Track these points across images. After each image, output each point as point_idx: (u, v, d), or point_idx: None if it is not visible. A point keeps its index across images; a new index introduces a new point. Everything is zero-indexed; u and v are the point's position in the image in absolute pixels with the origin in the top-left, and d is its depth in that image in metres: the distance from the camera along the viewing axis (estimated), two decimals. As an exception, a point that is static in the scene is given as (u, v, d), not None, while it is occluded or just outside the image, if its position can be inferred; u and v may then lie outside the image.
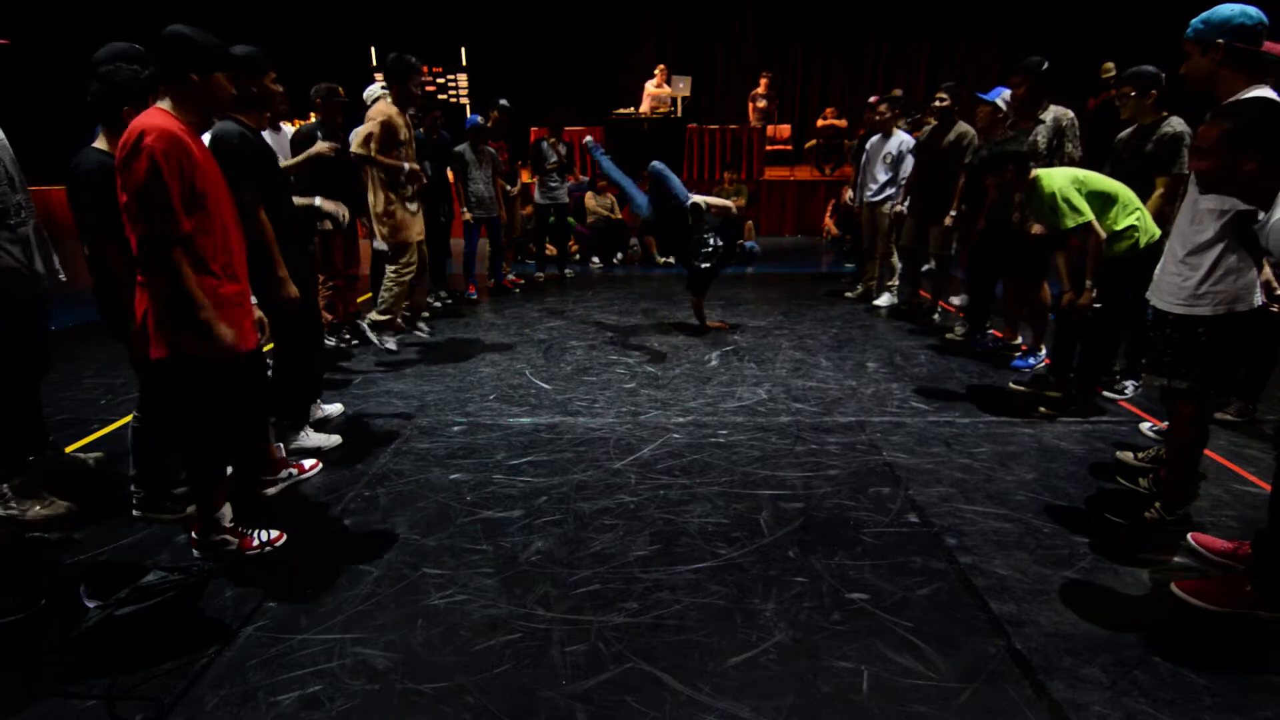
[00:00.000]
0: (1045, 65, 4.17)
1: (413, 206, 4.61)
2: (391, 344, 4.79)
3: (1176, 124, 3.48)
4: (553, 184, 7.10)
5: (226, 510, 2.63)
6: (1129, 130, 3.73)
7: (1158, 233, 3.33)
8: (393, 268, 4.64)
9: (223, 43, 2.36)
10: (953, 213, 5.10)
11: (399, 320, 4.96)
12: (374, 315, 4.74)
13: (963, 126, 5.11)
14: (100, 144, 2.53)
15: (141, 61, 2.81)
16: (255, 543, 2.63)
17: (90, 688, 1.96)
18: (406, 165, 4.47)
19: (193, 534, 2.60)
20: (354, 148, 4.36)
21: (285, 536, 2.69)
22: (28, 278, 2.72)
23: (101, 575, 2.19)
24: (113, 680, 1.98)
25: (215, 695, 1.95)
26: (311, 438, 3.45)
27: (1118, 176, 3.49)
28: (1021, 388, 4.15)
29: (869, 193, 6.04)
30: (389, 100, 4.47)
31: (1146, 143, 3.56)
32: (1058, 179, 3.40)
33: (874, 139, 6.04)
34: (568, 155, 7.23)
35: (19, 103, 9.08)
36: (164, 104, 2.26)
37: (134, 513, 2.81)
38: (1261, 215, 2.08)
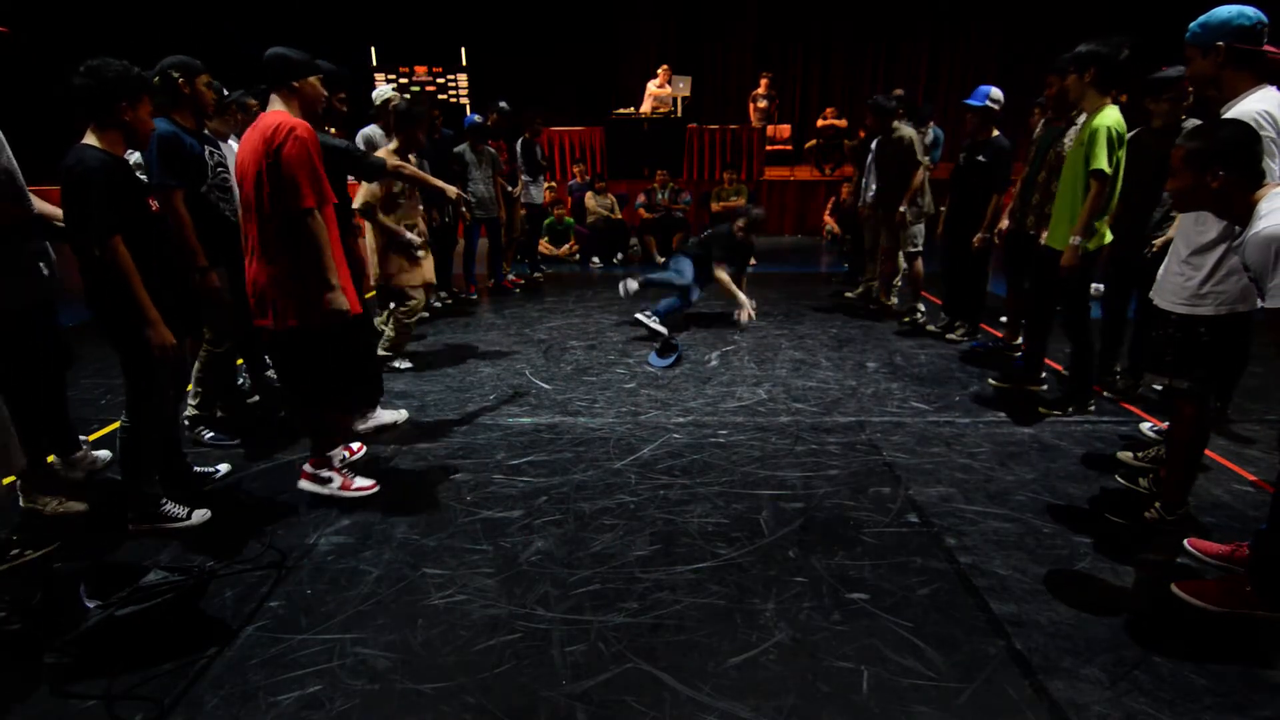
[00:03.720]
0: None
1: (419, 253, 4.43)
2: (406, 364, 4.72)
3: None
4: (533, 185, 7.19)
5: (338, 452, 3.05)
6: (1134, 132, 3.70)
7: (1109, 240, 3.53)
8: (399, 310, 4.48)
9: (309, 55, 2.79)
10: (901, 209, 5.39)
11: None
12: (380, 351, 4.63)
13: (905, 129, 5.44)
14: (92, 140, 2.45)
15: (188, 69, 3.06)
16: (354, 486, 3.02)
17: (90, 688, 1.96)
18: (407, 236, 4.32)
19: (305, 467, 3.00)
20: (355, 204, 4.19)
21: (377, 487, 3.04)
22: (47, 281, 2.78)
23: (101, 575, 2.19)
24: (113, 680, 1.98)
25: (215, 695, 1.95)
26: (385, 415, 3.70)
27: (1128, 174, 3.49)
28: (1001, 384, 4.17)
29: (871, 193, 6.03)
30: (392, 149, 4.18)
31: (1167, 146, 3.49)
32: (1112, 118, 3.34)
33: (879, 138, 6.04)
34: (542, 156, 7.35)
35: (10, 100, 9.03)
36: (276, 107, 2.71)
37: (129, 527, 2.73)
38: (1237, 229, 2.11)
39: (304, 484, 3.00)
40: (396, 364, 4.70)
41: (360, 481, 3.03)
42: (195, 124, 3.21)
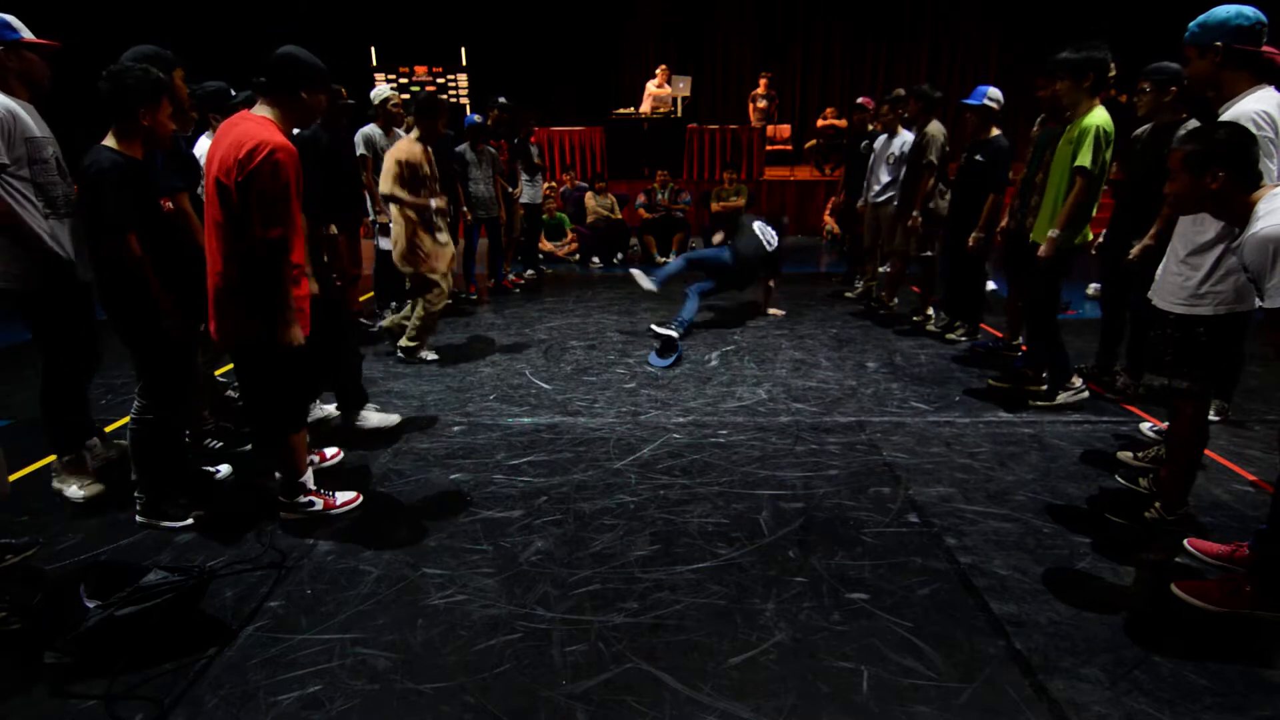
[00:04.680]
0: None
1: (442, 238, 4.55)
2: (431, 355, 4.81)
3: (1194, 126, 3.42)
4: (529, 185, 7.22)
5: (309, 475, 2.87)
6: (1144, 129, 3.70)
7: (1090, 238, 3.63)
8: (428, 297, 4.56)
9: (322, 64, 2.57)
10: (915, 213, 5.27)
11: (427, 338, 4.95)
12: (404, 343, 4.70)
13: (933, 126, 5.28)
14: (110, 142, 2.57)
15: (163, 63, 2.95)
16: (337, 503, 2.90)
17: (90, 688, 1.96)
18: (433, 203, 4.44)
19: (280, 498, 2.84)
20: (381, 190, 4.39)
21: (361, 497, 2.96)
22: (73, 266, 2.80)
23: (101, 575, 2.19)
24: (113, 680, 1.98)
25: (215, 695, 1.95)
26: (372, 418, 3.67)
27: (1126, 174, 3.50)
28: (1001, 384, 4.17)
29: (873, 193, 6.03)
30: (414, 137, 4.41)
31: (1164, 145, 3.50)
32: (1101, 118, 3.40)
33: (879, 139, 6.03)
34: (539, 155, 7.40)
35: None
36: (265, 112, 2.48)
37: (137, 519, 2.79)
38: (1236, 230, 2.12)
39: (285, 515, 2.85)
40: (424, 355, 4.76)
41: (343, 496, 2.93)
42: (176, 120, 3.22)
